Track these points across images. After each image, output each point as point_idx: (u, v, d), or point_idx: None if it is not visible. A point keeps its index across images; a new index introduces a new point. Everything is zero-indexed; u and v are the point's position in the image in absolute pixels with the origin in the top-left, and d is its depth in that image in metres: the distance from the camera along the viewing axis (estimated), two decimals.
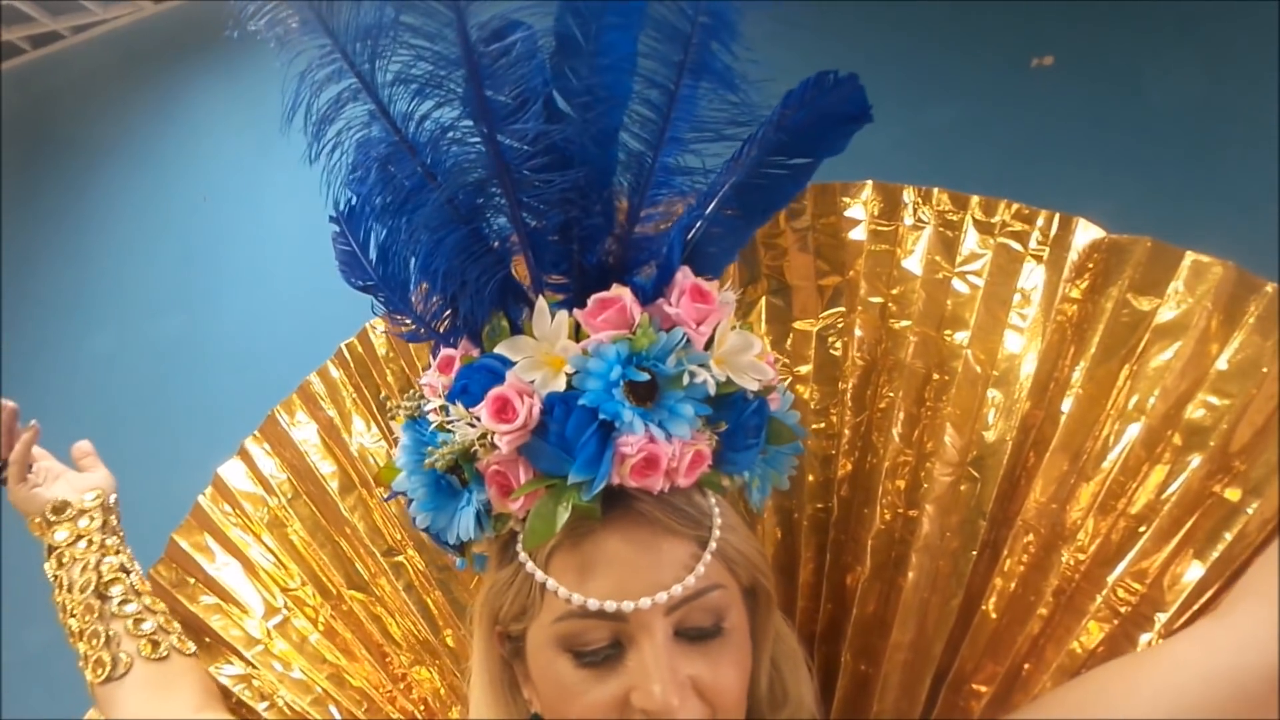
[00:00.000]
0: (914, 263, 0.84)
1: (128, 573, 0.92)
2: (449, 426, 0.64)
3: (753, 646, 0.66)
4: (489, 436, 0.62)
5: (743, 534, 0.66)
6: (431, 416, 0.66)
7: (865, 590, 0.80)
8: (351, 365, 1.01)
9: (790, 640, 0.71)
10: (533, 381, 0.62)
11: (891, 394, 0.82)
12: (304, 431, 1.03)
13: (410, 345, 0.98)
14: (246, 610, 1.01)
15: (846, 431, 0.84)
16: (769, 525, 0.85)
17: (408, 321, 0.73)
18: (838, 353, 0.85)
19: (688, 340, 0.63)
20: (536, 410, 0.61)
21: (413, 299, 0.72)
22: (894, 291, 0.84)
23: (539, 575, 0.62)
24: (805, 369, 0.86)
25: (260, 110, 1.78)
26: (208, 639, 0.99)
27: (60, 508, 0.93)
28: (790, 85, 0.69)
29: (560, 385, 0.62)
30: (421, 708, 0.94)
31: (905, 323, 0.83)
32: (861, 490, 0.82)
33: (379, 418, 1.00)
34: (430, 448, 0.65)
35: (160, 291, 1.81)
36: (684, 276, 0.65)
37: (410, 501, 0.68)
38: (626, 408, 0.60)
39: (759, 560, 0.66)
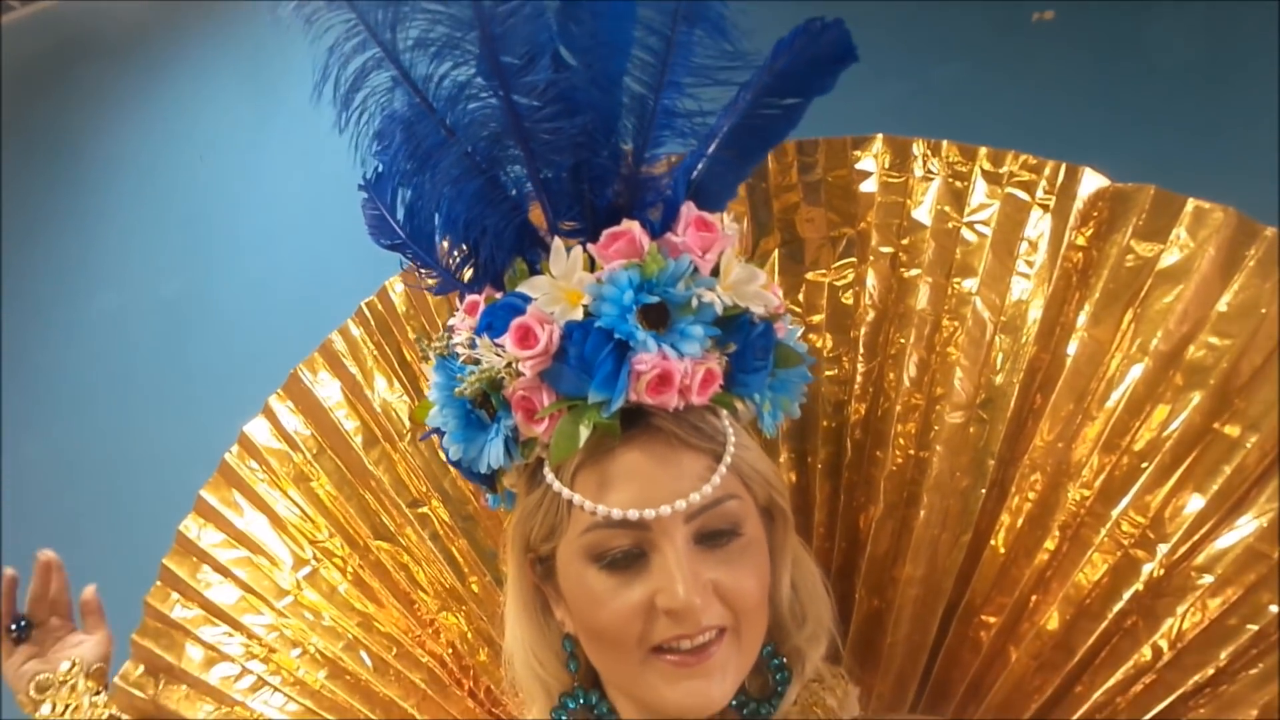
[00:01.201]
0: (923, 213, 0.87)
1: None
2: (476, 358, 0.67)
3: (772, 565, 0.70)
4: (514, 364, 0.66)
5: (757, 454, 0.70)
6: (459, 350, 0.70)
7: (878, 529, 0.84)
8: (372, 323, 1.04)
9: (808, 563, 0.74)
10: (553, 313, 0.66)
11: (902, 340, 0.85)
12: (327, 389, 1.06)
13: (430, 302, 1.01)
14: (276, 562, 1.05)
15: (859, 378, 0.87)
16: (784, 469, 0.88)
17: (434, 275, 0.76)
18: (849, 302, 0.88)
19: (695, 267, 0.68)
20: (556, 335, 0.66)
21: (438, 253, 0.75)
22: (904, 241, 0.87)
23: (565, 492, 0.67)
24: (818, 318, 0.89)
25: (259, 67, 1.79)
26: (240, 589, 1.03)
27: (43, 685, 1.00)
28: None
29: (579, 316, 0.66)
30: (449, 651, 0.98)
31: (915, 271, 0.86)
32: (874, 433, 0.86)
33: (400, 374, 1.03)
34: (460, 376, 0.68)
35: (164, 251, 1.83)
36: (689, 210, 0.70)
37: (443, 436, 0.72)
38: (640, 330, 0.64)
39: (775, 480, 0.71)
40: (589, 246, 0.68)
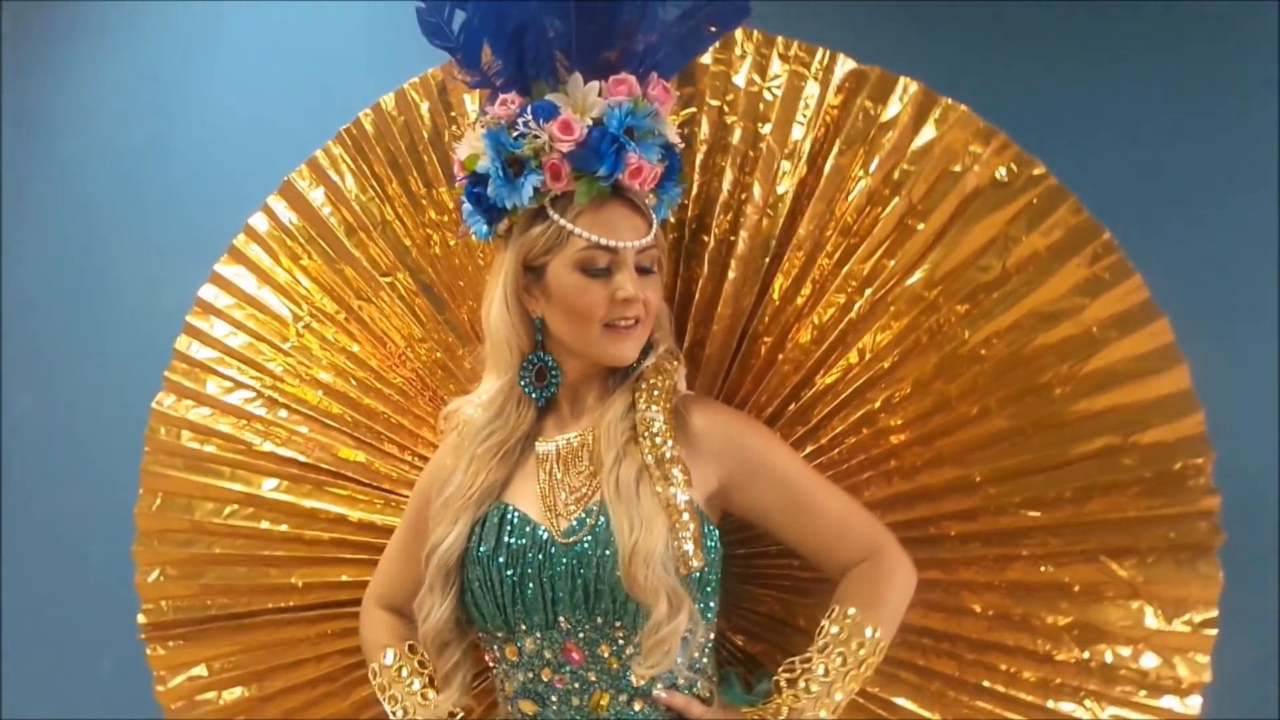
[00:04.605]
0: (740, 79, 1.33)
1: None
2: (525, 132, 1.14)
3: None
4: (550, 142, 1.14)
5: (658, 229, 1.22)
6: (517, 125, 1.15)
7: (701, 289, 1.35)
8: (349, 143, 1.44)
9: (664, 302, 1.26)
10: (575, 118, 1.15)
11: (724, 166, 1.32)
12: (314, 192, 1.45)
13: (394, 128, 1.41)
14: (279, 318, 1.46)
15: (695, 187, 1.34)
16: None
17: (474, 75, 1.21)
18: (690, 138, 1.34)
19: (657, 112, 1.19)
20: (584, 131, 1.14)
21: (481, 61, 1.19)
22: (728, 98, 1.33)
23: (569, 226, 1.16)
24: None
25: None
26: (250, 336, 1.44)
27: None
28: None
29: (587, 124, 1.15)
30: (414, 377, 1.42)
31: (733, 118, 1.32)
32: (701, 225, 1.33)
33: (372, 182, 1.43)
34: (510, 148, 1.15)
35: (127, 100, 2.02)
36: (657, 77, 1.20)
37: (479, 181, 1.18)
38: (629, 140, 1.15)
39: (665, 246, 1.25)
40: (602, 84, 1.15)
